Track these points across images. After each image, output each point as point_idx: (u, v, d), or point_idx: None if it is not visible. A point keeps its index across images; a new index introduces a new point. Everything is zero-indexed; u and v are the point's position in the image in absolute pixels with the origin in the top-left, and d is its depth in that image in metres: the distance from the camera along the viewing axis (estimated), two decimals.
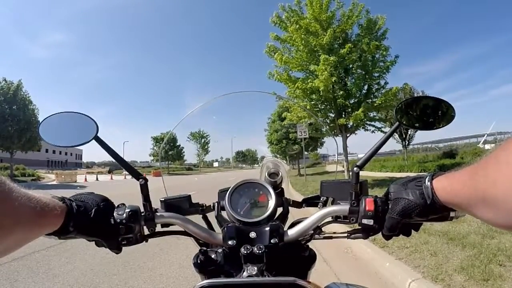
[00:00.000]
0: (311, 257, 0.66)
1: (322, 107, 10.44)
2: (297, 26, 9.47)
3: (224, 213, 0.69)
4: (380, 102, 9.56)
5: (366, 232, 0.60)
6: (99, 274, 3.00)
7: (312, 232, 0.64)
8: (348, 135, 10.70)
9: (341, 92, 9.86)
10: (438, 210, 0.49)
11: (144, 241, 0.62)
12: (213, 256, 0.63)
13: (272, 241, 0.58)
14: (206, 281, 0.45)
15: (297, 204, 0.77)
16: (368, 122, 10.60)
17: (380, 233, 0.58)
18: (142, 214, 0.60)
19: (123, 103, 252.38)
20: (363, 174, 0.60)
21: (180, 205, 0.71)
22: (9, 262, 3.24)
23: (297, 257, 0.65)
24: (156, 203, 0.67)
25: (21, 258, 3.42)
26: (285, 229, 0.62)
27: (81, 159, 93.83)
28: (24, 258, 3.45)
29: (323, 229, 0.67)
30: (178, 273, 2.99)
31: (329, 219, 0.65)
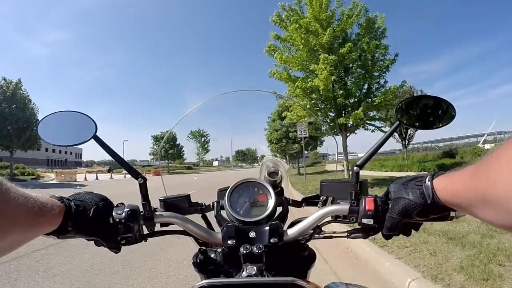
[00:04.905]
0: (311, 257, 0.66)
1: (322, 106, 10.46)
2: (297, 25, 9.49)
3: (223, 213, 0.69)
4: (379, 101, 9.57)
5: (366, 232, 0.60)
6: (99, 273, 3.00)
7: (312, 231, 0.64)
8: (348, 134, 10.71)
9: (341, 91, 9.88)
10: (439, 210, 0.49)
11: (144, 241, 0.62)
12: (212, 255, 0.62)
13: (271, 240, 0.58)
14: (205, 281, 0.44)
15: (297, 204, 0.77)
16: (368, 122, 10.62)
17: (380, 232, 0.58)
18: (141, 213, 0.60)
19: (123, 102, 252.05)
20: (362, 173, 0.60)
21: (179, 205, 0.71)
22: (8, 261, 3.24)
23: (296, 257, 0.64)
24: (155, 203, 0.67)
25: (20, 257, 3.42)
26: (284, 228, 0.62)
27: (81, 158, 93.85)
28: (24, 257, 3.45)
29: (322, 228, 0.67)
30: (177, 272, 3.00)
31: (329, 218, 0.64)
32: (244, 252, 0.54)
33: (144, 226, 0.61)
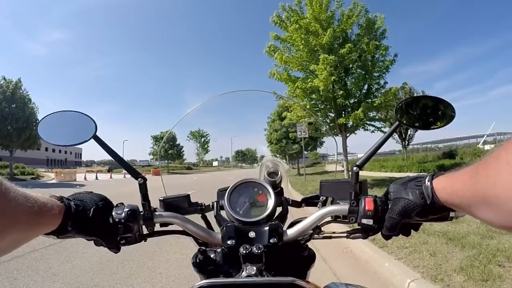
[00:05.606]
0: (311, 257, 0.66)
1: (322, 107, 10.47)
2: (297, 25, 9.49)
3: (223, 213, 0.69)
4: (379, 102, 9.58)
5: (365, 232, 0.60)
6: (99, 273, 3.00)
7: (312, 231, 0.64)
8: (347, 134, 10.72)
9: (341, 92, 9.88)
10: (438, 210, 0.49)
11: (143, 241, 0.62)
12: (212, 255, 0.62)
13: (271, 240, 0.58)
14: (205, 281, 0.44)
15: (297, 204, 0.77)
16: (367, 122, 10.64)
17: (380, 233, 0.58)
18: (141, 213, 0.60)
19: (123, 102, 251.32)
20: (362, 174, 0.60)
21: (179, 205, 0.70)
22: (8, 260, 3.24)
23: (296, 257, 0.64)
24: (155, 203, 0.67)
25: (20, 256, 3.42)
26: (284, 228, 0.62)
27: (80, 157, 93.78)
28: (24, 256, 3.45)
29: (322, 228, 0.67)
30: (177, 272, 3.00)
31: (329, 218, 0.64)
32: (244, 252, 0.54)
33: (143, 226, 0.61)
